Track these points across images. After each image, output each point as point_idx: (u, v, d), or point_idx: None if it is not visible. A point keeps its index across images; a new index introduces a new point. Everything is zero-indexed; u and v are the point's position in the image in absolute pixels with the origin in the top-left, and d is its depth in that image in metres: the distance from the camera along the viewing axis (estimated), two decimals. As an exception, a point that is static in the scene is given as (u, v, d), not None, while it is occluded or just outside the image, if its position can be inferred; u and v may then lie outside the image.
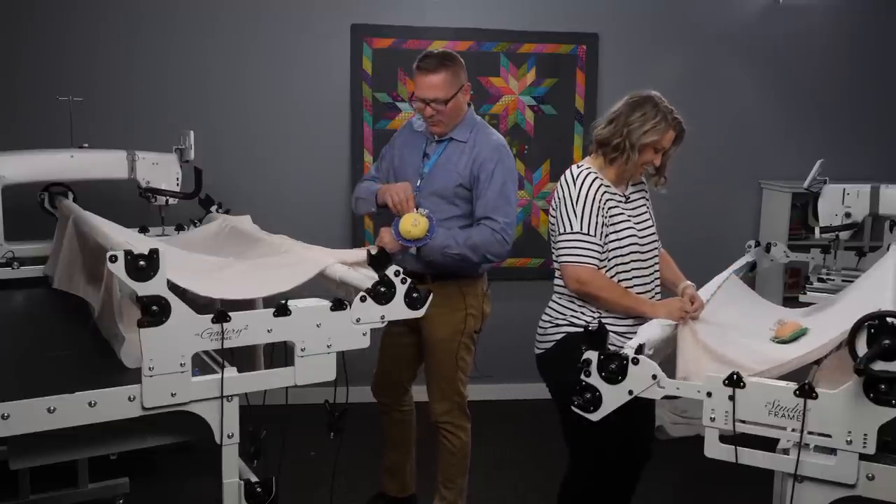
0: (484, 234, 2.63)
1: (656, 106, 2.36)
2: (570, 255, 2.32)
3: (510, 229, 2.68)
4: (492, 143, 2.72)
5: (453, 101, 2.68)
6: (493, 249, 2.65)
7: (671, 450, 3.63)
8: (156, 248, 1.60)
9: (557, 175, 4.33)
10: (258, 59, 4.12)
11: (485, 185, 2.66)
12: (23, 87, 3.92)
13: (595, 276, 2.33)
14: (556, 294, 2.48)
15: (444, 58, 2.68)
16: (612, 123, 2.40)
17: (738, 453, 1.66)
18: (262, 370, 1.89)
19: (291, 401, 1.98)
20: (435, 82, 2.64)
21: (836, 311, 2.27)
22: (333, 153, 4.20)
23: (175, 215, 3.25)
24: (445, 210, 2.71)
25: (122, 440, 1.85)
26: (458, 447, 2.90)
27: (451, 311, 2.75)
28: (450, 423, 2.86)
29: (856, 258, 3.25)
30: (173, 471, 3.41)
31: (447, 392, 2.84)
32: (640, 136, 2.34)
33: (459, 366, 2.82)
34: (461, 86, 2.70)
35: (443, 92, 2.65)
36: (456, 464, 2.92)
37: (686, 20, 4.37)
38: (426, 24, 4.17)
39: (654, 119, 2.34)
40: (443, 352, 2.81)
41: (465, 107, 2.77)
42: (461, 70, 2.71)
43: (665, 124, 2.35)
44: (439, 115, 2.69)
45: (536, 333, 2.52)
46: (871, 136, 4.53)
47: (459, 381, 2.85)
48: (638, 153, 2.36)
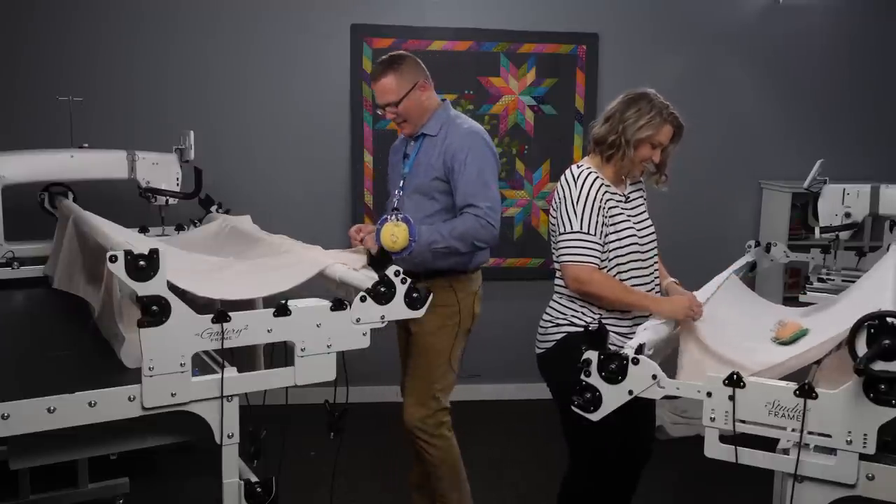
0: (468, 221, 2.56)
1: (651, 101, 2.37)
2: (570, 255, 2.32)
3: (493, 213, 2.59)
4: (462, 132, 2.65)
5: (407, 101, 2.64)
6: (480, 235, 2.57)
7: (671, 450, 3.63)
8: (156, 248, 1.60)
9: (557, 175, 4.33)
10: (258, 59, 4.12)
11: (460, 173, 2.60)
12: (23, 87, 3.92)
13: (595, 275, 2.32)
14: (557, 294, 2.48)
15: (389, 61, 2.65)
16: (608, 121, 2.41)
17: (738, 453, 1.66)
18: (262, 370, 1.89)
19: (291, 401, 1.97)
20: (384, 86, 2.63)
21: (836, 312, 2.27)
22: (333, 153, 4.20)
23: (175, 215, 3.25)
24: (427, 206, 2.67)
25: (122, 440, 1.85)
26: (440, 460, 2.74)
27: (440, 307, 2.63)
28: (423, 431, 2.71)
29: (856, 258, 3.25)
30: (173, 471, 3.41)
31: (423, 397, 2.72)
32: (634, 132, 2.35)
33: (452, 366, 2.74)
34: (414, 83, 2.65)
35: (393, 94, 2.63)
36: (442, 477, 2.76)
37: (686, 20, 4.37)
38: (426, 24, 4.17)
39: (649, 114, 2.35)
40: (433, 352, 2.72)
41: (429, 103, 2.72)
42: (412, 68, 2.66)
43: (660, 119, 2.36)
44: (400, 117, 2.69)
45: (537, 333, 2.51)
46: (871, 136, 4.52)
47: (443, 385, 2.73)
48: (633, 149, 2.36)
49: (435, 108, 2.73)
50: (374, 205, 4.22)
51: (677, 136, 2.43)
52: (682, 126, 2.42)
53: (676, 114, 2.40)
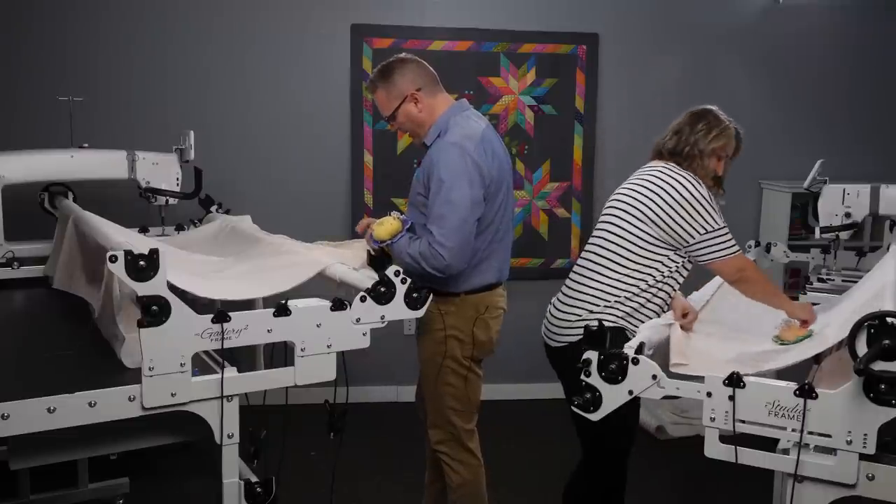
0: (422, 246, 2.35)
1: (717, 116, 2.49)
2: (727, 248, 2.36)
3: (449, 241, 2.33)
4: (442, 146, 2.43)
5: (399, 115, 2.50)
6: (430, 263, 2.34)
7: (671, 450, 3.63)
8: (156, 248, 1.60)
9: (558, 175, 4.40)
10: (258, 59, 4.12)
11: (433, 191, 2.39)
12: (23, 87, 3.92)
13: (749, 262, 2.44)
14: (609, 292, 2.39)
15: (380, 73, 2.52)
16: (677, 134, 2.47)
17: (738, 453, 1.66)
18: (262, 370, 1.89)
19: (291, 401, 1.98)
20: (377, 100, 2.55)
21: (838, 313, 2.27)
22: (333, 153, 4.20)
23: (175, 215, 3.25)
24: (418, 218, 2.48)
25: (122, 440, 1.85)
26: (457, 483, 2.60)
27: (429, 332, 2.53)
28: (446, 454, 2.60)
29: (856, 258, 3.25)
30: (173, 471, 3.41)
31: (438, 420, 2.59)
32: (708, 143, 2.43)
33: (447, 391, 2.54)
34: (403, 97, 2.48)
35: (386, 109, 2.53)
36: (458, 501, 2.62)
37: (686, 20, 4.37)
38: (426, 24, 4.17)
39: (719, 127, 2.45)
40: (425, 375, 2.60)
41: (426, 113, 2.50)
42: (404, 79, 2.48)
43: (728, 131, 2.46)
44: (401, 129, 2.60)
45: (552, 325, 2.46)
46: (871, 136, 4.52)
47: (450, 409, 2.56)
48: (707, 159, 2.43)
49: (439, 115, 2.51)
50: (374, 205, 4.21)
51: (739, 150, 2.53)
52: (742, 140, 2.52)
53: (739, 128, 2.51)
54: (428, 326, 2.51)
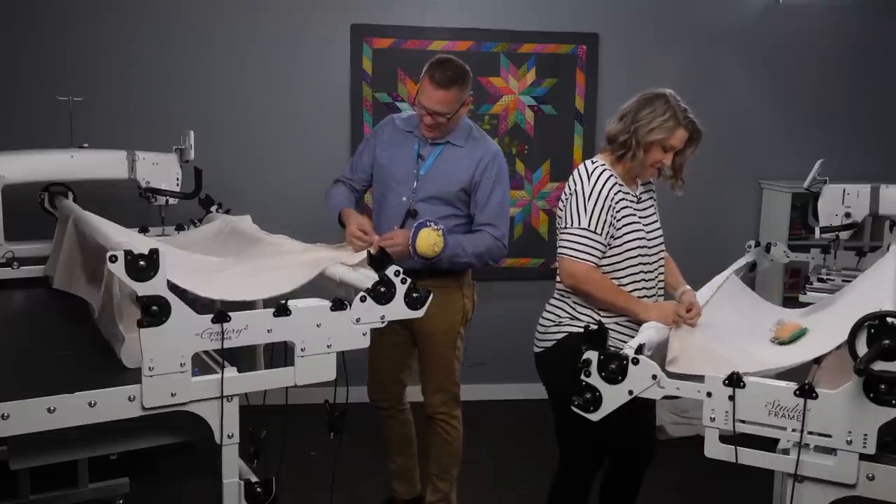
0: (488, 242, 2.74)
1: (667, 103, 2.30)
2: (571, 250, 2.29)
3: (506, 235, 2.81)
4: (492, 151, 2.80)
5: (455, 116, 2.72)
6: (495, 256, 2.80)
7: (671, 450, 3.63)
8: (156, 248, 1.60)
9: (557, 175, 4.40)
10: (258, 59, 4.12)
11: (486, 192, 2.74)
12: (23, 87, 3.92)
13: (592, 274, 2.29)
14: (560, 293, 2.44)
15: (456, 76, 2.65)
16: (621, 120, 2.35)
17: (738, 453, 1.66)
18: (262, 370, 1.89)
19: (291, 401, 1.98)
20: (441, 98, 2.64)
21: (835, 311, 2.27)
22: (333, 153, 4.19)
23: (175, 215, 3.25)
24: (443, 211, 2.75)
25: (122, 440, 1.85)
26: (454, 437, 2.95)
27: (448, 303, 2.79)
28: (446, 413, 2.92)
29: (856, 258, 3.25)
30: (173, 471, 3.41)
31: (444, 384, 2.89)
32: (646, 134, 2.28)
33: (456, 355, 2.89)
34: (464, 101, 2.73)
35: (448, 108, 2.66)
36: (452, 454, 2.96)
37: (686, 20, 4.37)
38: (426, 24, 4.17)
39: (663, 117, 2.28)
40: (442, 344, 2.85)
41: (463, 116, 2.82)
42: (468, 85, 2.73)
43: (674, 122, 2.29)
44: (438, 125, 2.71)
45: (536, 332, 2.50)
46: (871, 136, 4.52)
47: (455, 372, 2.91)
48: (644, 151, 2.31)
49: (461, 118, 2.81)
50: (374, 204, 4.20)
51: (694, 142, 2.37)
52: (699, 131, 2.35)
53: (693, 118, 2.33)
54: (447, 299, 2.77)
